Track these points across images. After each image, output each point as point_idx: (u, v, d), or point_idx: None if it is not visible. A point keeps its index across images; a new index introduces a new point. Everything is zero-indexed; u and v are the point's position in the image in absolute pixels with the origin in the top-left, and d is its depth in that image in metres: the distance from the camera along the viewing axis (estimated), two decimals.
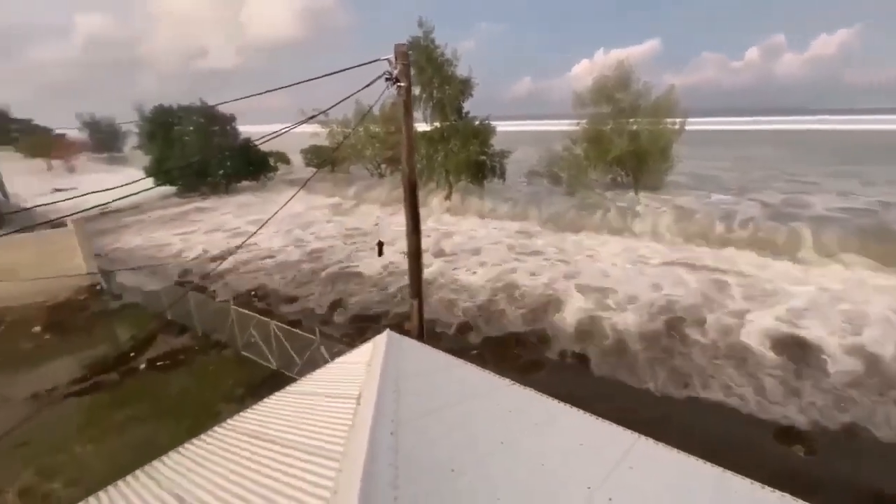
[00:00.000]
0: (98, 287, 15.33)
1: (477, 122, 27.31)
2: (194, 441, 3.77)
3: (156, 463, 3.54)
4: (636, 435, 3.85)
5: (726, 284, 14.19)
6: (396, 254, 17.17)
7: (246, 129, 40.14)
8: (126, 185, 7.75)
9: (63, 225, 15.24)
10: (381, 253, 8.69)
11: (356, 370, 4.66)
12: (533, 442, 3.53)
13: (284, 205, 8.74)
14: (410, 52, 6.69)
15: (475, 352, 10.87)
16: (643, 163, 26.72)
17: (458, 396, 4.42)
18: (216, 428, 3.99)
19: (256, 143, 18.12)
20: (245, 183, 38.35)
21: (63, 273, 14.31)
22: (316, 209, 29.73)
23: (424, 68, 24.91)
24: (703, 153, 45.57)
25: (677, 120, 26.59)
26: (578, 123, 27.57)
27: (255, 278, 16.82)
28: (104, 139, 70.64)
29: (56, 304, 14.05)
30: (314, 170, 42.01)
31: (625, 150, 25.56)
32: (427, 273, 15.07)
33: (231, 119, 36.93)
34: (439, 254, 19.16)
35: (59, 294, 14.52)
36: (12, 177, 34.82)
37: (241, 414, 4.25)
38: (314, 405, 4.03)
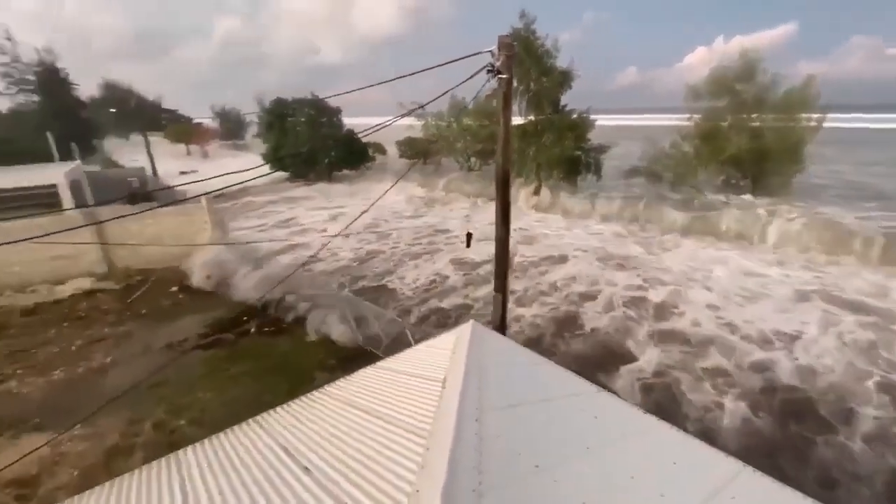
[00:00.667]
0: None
1: (574, 116, 26.25)
2: (296, 401, 4.18)
3: (265, 415, 3.99)
4: (741, 464, 3.47)
5: None
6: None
7: (349, 122, 42.87)
8: (247, 170, 8.76)
9: (198, 202, 17.74)
10: (468, 244, 8.80)
11: (441, 355, 4.80)
12: (622, 453, 3.35)
13: (387, 191, 9.29)
14: (515, 42, 6.59)
15: None
16: (765, 163, 23.64)
17: (542, 394, 4.34)
18: (314, 392, 4.38)
19: (360, 134, 19.27)
20: (345, 171, 41.07)
21: (196, 243, 16.66)
22: (406, 199, 30.90)
23: (523, 60, 24.47)
24: (853, 156, 38.84)
25: (814, 116, 23.06)
26: (690, 118, 25.20)
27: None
28: (231, 128, 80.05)
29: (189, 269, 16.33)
30: (407, 161, 43.68)
31: (744, 149, 22.81)
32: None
33: (337, 111, 39.63)
34: (520, 261, 17.26)
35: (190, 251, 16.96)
36: (159, 159, 41.06)
37: (336, 382, 4.61)
38: (401, 383, 4.23)
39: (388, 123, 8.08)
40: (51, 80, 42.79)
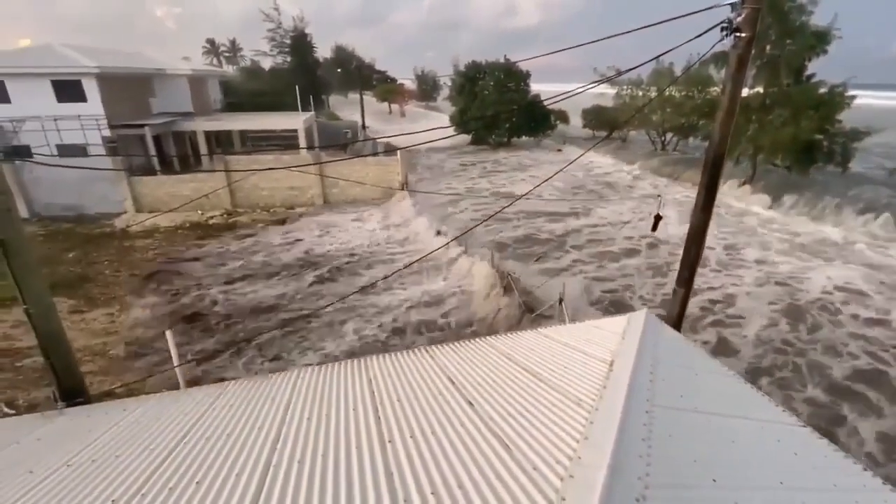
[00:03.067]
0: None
1: (823, 90, 20.66)
2: (461, 342, 4.52)
3: (432, 347, 4.43)
4: None
5: None
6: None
7: (538, 87, 42.00)
8: (433, 130, 9.44)
9: (394, 154, 20.25)
10: (655, 227, 7.96)
11: (608, 337, 4.55)
12: (824, 501, 2.74)
13: (575, 160, 9.01)
14: None
15: None
16: None
17: (722, 407, 3.80)
18: (477, 339, 4.66)
19: (545, 101, 18.86)
20: (524, 139, 40.84)
21: (388, 185, 19.52)
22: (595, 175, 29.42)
23: (763, 16, 19.96)
24: None
25: None
26: None
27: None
28: (427, 90, 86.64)
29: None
30: (590, 131, 41.04)
31: None
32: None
33: (527, 76, 39.14)
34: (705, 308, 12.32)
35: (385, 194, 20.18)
36: (367, 115, 47.27)
37: (498, 336, 4.81)
38: (563, 353, 4.18)
39: (576, 91, 7.61)
40: (301, 44, 52.54)
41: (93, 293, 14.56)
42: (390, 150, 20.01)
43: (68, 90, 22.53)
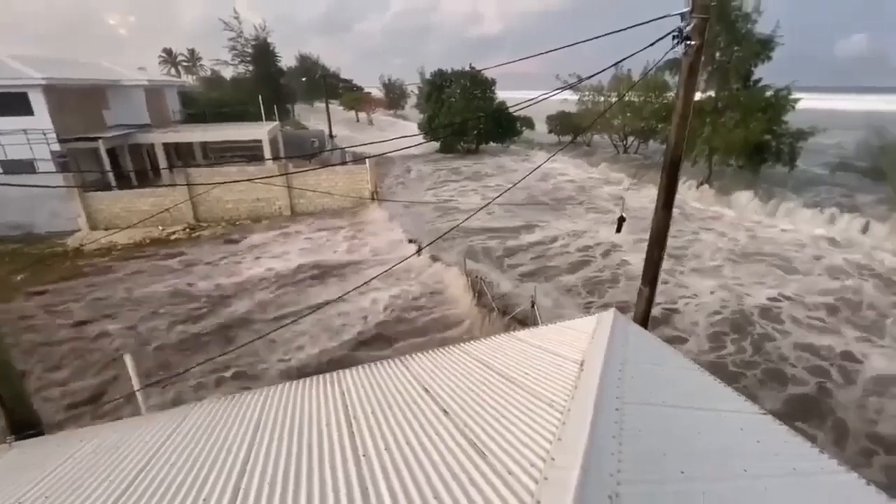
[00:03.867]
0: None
1: (769, 93, 21.94)
2: (434, 350, 4.51)
3: (407, 357, 4.40)
4: None
5: None
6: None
7: (504, 94, 42.74)
8: (403, 137, 9.50)
9: (363, 163, 20.08)
10: (619, 229, 8.20)
11: (578, 337, 4.64)
12: (787, 488, 2.86)
13: (540, 165, 9.19)
14: (713, 2, 5.67)
15: None
16: None
17: (689, 400, 3.93)
18: (451, 346, 4.66)
19: (512, 108, 19.25)
20: (491, 145, 41.40)
21: (357, 195, 19.27)
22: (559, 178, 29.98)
23: (712, 25, 21.08)
24: None
25: None
26: None
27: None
28: (394, 98, 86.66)
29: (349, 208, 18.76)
30: (555, 137, 42.02)
31: None
32: None
33: (492, 83, 39.78)
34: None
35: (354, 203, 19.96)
36: (333, 124, 46.81)
37: (471, 342, 4.83)
38: (535, 355, 4.23)
39: (543, 97, 7.80)
40: (264, 53, 51.61)
41: None
42: (359, 158, 19.77)
43: (12, 103, 21.30)
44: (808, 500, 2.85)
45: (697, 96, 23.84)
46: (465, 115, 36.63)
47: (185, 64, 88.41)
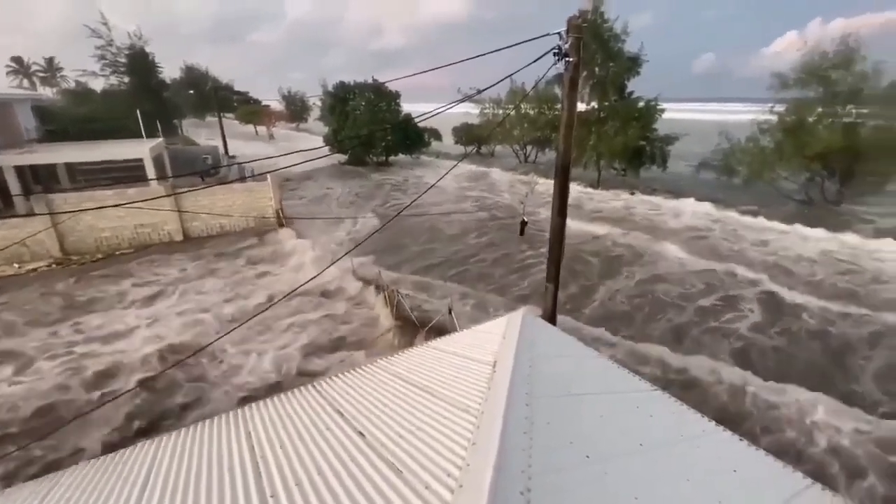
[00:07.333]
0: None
1: (640, 104, 24.93)
2: (350, 371, 4.36)
3: (320, 381, 4.19)
4: (809, 480, 3.23)
5: None
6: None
7: (409, 107, 43.25)
8: (308, 150, 9.16)
9: (264, 179, 18.86)
10: (522, 232, 8.68)
11: (491, 339, 4.80)
12: (679, 454, 3.21)
13: (446, 173, 9.37)
14: (585, 24, 6.30)
15: None
16: (859, 163, 21.15)
17: (592, 386, 4.24)
18: (369, 364, 4.54)
19: (416, 119, 19.63)
20: (400, 156, 41.60)
21: (260, 214, 17.96)
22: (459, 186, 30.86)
23: (588, 44, 23.52)
24: None
25: None
26: (771, 108, 23.07)
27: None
28: (296, 111, 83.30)
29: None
30: (462, 147, 43.52)
31: (833, 146, 20.53)
32: None
33: (396, 96, 40.06)
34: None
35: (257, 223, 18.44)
36: (229, 139, 43.65)
37: (388, 357, 4.75)
38: (451, 362, 4.29)
39: (441, 109, 8.06)
40: (140, 63, 46.55)
41: None
42: (260, 174, 18.49)
43: None
44: (694, 461, 3.21)
45: (583, 108, 26.37)
46: (371, 126, 36.44)
47: (41, 75, 76.41)
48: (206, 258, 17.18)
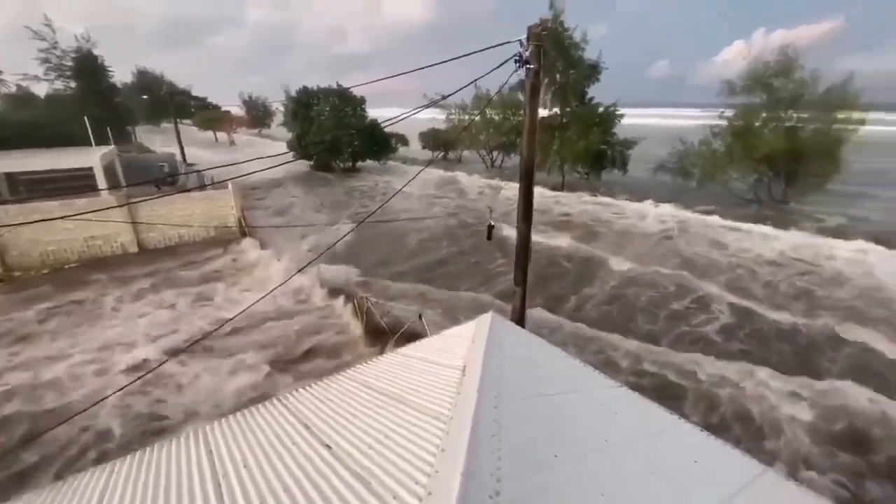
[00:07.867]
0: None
1: (601, 110, 25.77)
2: (317, 382, 4.26)
3: (287, 394, 4.08)
4: (763, 466, 3.41)
5: None
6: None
7: (374, 112, 42.94)
8: (272, 156, 8.93)
9: (224, 187, 18.23)
10: (490, 237, 8.77)
11: (460, 343, 4.81)
12: (643, 449, 3.32)
13: (412, 178, 9.34)
14: (545, 32, 6.47)
15: None
16: (801, 164, 22.65)
17: (560, 386, 4.32)
18: (335, 375, 4.46)
19: (382, 124, 19.51)
20: (368, 162, 41.22)
21: (221, 223, 17.30)
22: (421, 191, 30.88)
23: (548, 51, 24.14)
24: None
25: (854, 115, 21.91)
26: (721, 114, 24.38)
27: None
28: (258, 117, 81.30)
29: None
30: (429, 152, 43.63)
31: (777, 148, 21.91)
32: None
33: (361, 101, 39.72)
34: None
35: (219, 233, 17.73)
36: (187, 146, 42.04)
37: (356, 366, 4.68)
38: (420, 369, 4.26)
39: (407, 115, 8.07)
40: (88, 67, 44.20)
41: None
42: (220, 182, 17.78)
43: None
44: (658, 455, 3.32)
45: (546, 113, 27.03)
46: (337, 132, 35.92)
47: None
48: (162, 273, 16.18)
